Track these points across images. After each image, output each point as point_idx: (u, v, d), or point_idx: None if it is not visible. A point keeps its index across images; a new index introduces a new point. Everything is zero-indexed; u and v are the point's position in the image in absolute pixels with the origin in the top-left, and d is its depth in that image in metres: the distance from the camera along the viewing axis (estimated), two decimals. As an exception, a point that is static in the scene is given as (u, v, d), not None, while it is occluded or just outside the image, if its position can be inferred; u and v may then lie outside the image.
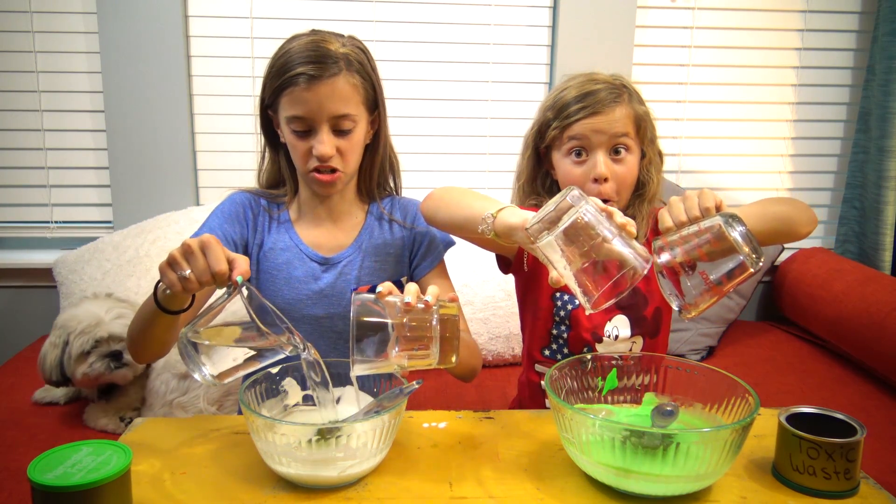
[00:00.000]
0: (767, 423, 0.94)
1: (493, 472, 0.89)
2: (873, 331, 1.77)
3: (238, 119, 2.11)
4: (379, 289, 0.90)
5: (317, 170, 1.17)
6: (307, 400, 0.98)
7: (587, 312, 0.84)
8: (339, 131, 1.16)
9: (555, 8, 2.15)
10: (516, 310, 1.90)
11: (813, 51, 2.27)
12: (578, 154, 1.20)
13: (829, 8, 2.24)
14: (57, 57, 2.04)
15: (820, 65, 2.28)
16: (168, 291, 0.94)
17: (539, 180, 1.30)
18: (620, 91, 1.20)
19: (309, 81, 1.12)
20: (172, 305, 0.98)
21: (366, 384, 0.98)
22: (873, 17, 2.17)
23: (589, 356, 0.99)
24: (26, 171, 2.10)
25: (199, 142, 2.12)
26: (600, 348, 1.22)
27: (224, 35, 2.07)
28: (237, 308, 0.87)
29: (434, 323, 0.86)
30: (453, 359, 0.87)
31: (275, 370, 0.96)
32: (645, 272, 0.81)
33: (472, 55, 2.17)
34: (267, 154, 1.29)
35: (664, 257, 0.89)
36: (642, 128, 1.22)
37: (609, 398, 0.99)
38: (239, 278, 0.88)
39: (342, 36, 1.20)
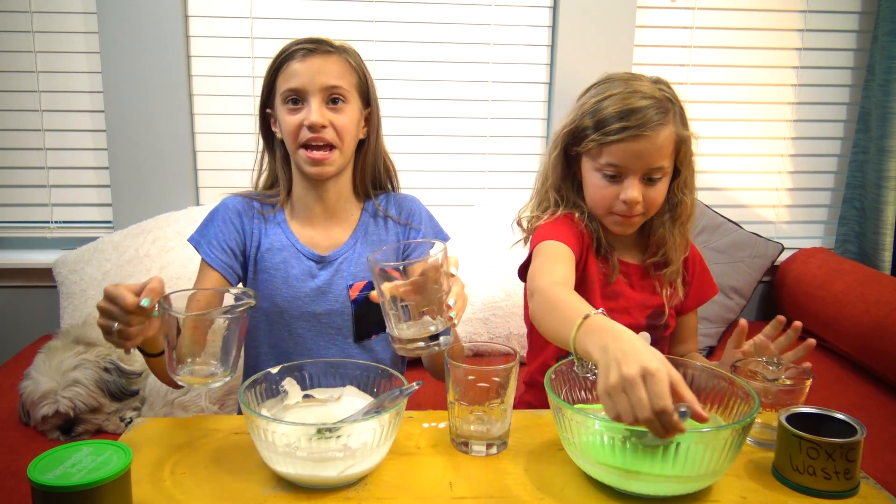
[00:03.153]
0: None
1: (492, 472, 0.89)
2: (873, 331, 1.77)
3: (238, 119, 2.11)
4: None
5: (308, 146, 1.18)
6: (307, 400, 0.98)
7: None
8: (331, 102, 1.19)
9: (555, 8, 2.15)
10: (516, 310, 1.91)
11: (813, 51, 2.27)
12: (612, 177, 1.16)
13: (829, 8, 2.24)
14: (57, 57, 2.04)
15: (820, 65, 2.28)
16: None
17: (569, 182, 1.26)
18: (666, 109, 1.14)
19: (304, 55, 1.17)
20: (150, 349, 1.03)
21: (366, 384, 0.99)
22: (873, 17, 2.17)
23: (589, 356, 0.98)
24: (26, 171, 2.10)
25: (199, 142, 2.12)
26: None
27: (224, 35, 2.07)
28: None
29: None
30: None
31: (275, 370, 0.96)
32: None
33: (472, 55, 2.17)
34: (264, 158, 1.31)
35: None
36: (682, 149, 1.18)
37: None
38: (145, 301, 0.89)
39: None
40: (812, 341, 1.07)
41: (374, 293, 0.93)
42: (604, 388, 0.77)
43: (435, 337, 0.92)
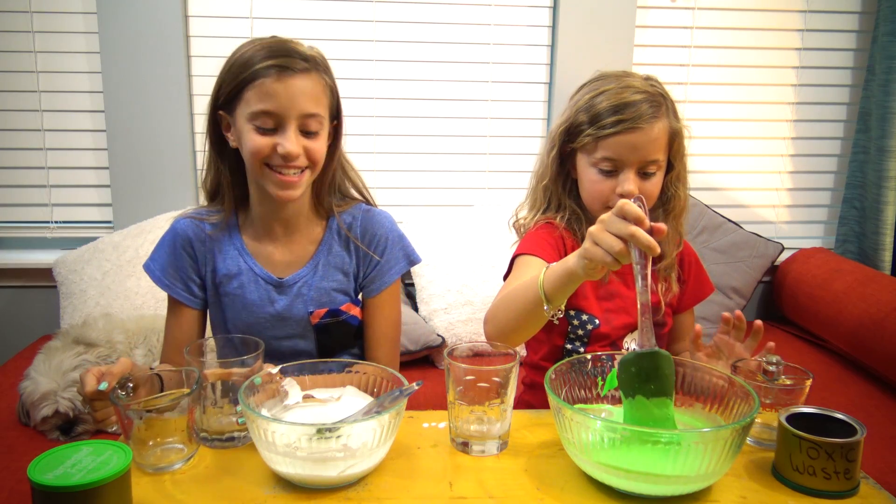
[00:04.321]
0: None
1: (492, 472, 0.89)
2: (873, 331, 1.77)
3: (238, 119, 2.11)
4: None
5: (278, 169, 1.10)
6: (307, 400, 0.98)
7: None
8: (305, 132, 1.10)
9: (555, 8, 2.15)
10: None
11: (813, 51, 2.27)
12: (609, 172, 1.17)
13: (829, 8, 2.24)
14: (57, 57, 2.04)
15: (820, 65, 2.28)
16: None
17: (561, 181, 1.26)
18: (659, 103, 1.16)
19: (280, 73, 1.06)
20: None
21: (366, 384, 0.99)
22: (873, 17, 2.17)
23: (589, 356, 0.99)
24: (26, 171, 2.10)
25: (199, 142, 2.12)
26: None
27: (224, 35, 2.07)
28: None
29: None
30: None
31: (275, 370, 0.96)
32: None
33: (472, 55, 2.17)
34: (210, 161, 1.22)
35: None
36: (675, 143, 1.19)
37: (609, 398, 0.99)
38: (103, 385, 0.92)
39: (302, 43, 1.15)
40: (760, 323, 1.09)
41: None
42: (587, 238, 0.88)
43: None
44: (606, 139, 1.15)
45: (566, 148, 1.23)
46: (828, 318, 1.96)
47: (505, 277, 1.24)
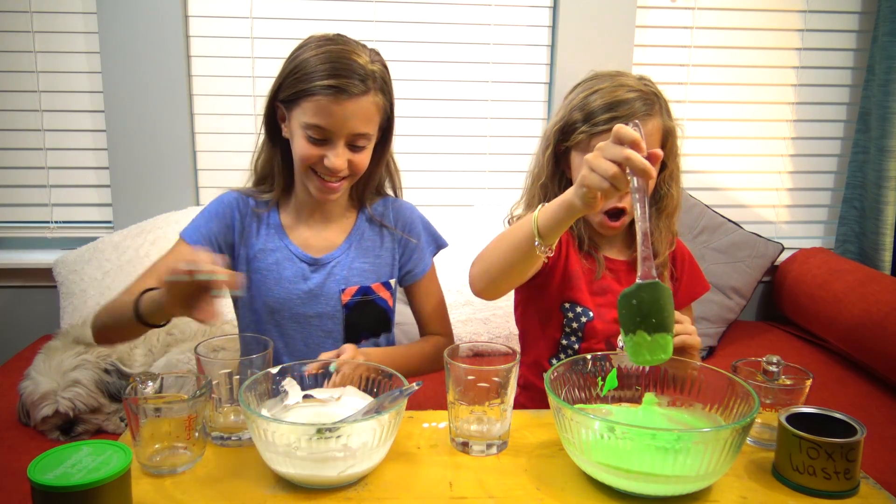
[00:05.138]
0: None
1: (493, 472, 0.89)
2: (873, 331, 1.77)
3: (238, 119, 2.11)
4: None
5: (322, 175, 1.18)
6: (307, 400, 0.98)
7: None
8: (353, 146, 1.17)
9: (555, 8, 2.15)
10: (516, 310, 1.90)
11: (813, 51, 2.27)
12: None
13: (829, 8, 2.24)
14: (57, 57, 2.04)
15: (820, 65, 2.28)
16: (160, 301, 0.96)
17: (556, 180, 1.27)
18: (652, 101, 1.17)
19: (337, 95, 1.11)
20: (155, 320, 1.01)
21: (366, 384, 0.99)
22: (873, 17, 2.17)
23: (589, 356, 0.99)
24: (26, 171, 2.10)
25: (199, 142, 2.12)
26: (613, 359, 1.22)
27: (224, 35, 2.07)
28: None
29: None
30: None
31: (275, 370, 0.96)
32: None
33: (472, 55, 2.17)
34: (264, 144, 1.27)
35: None
36: (669, 141, 1.20)
37: (609, 398, 0.99)
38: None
39: (366, 48, 1.18)
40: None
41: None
42: (584, 166, 0.87)
43: None
44: (600, 136, 1.15)
45: (561, 147, 1.24)
46: (828, 318, 1.96)
47: None
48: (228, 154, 2.13)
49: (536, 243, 0.96)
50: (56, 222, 2.14)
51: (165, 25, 2.00)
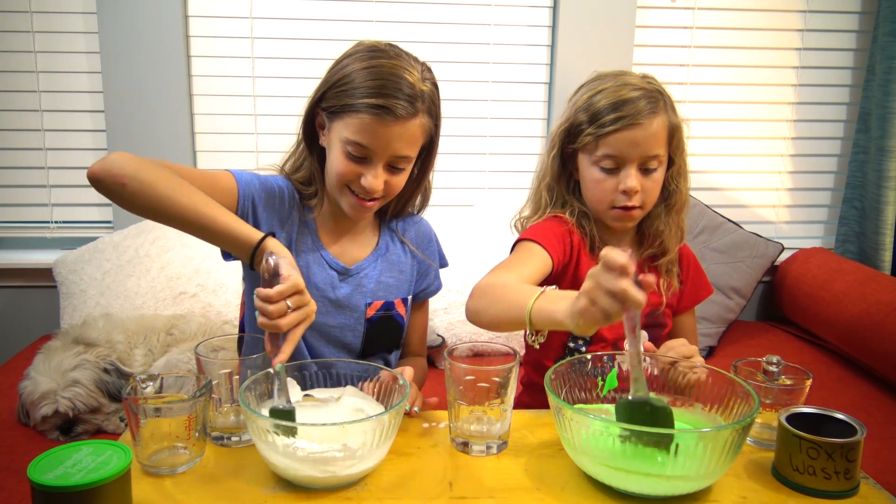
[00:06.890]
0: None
1: (492, 472, 0.89)
2: (873, 331, 1.77)
3: (238, 119, 2.11)
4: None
5: (356, 192, 1.13)
6: (307, 399, 0.98)
7: None
8: (392, 167, 1.12)
9: (555, 8, 2.15)
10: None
11: (813, 51, 2.27)
12: (611, 170, 1.17)
13: (829, 8, 2.24)
14: (57, 57, 2.04)
15: (820, 65, 2.28)
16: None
17: (564, 181, 1.27)
18: (657, 99, 1.16)
19: (383, 116, 1.06)
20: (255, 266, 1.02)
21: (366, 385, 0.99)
22: (873, 17, 2.17)
23: (589, 356, 0.99)
24: (26, 171, 2.10)
25: (199, 142, 2.12)
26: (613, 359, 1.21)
27: (224, 35, 2.07)
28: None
29: None
30: None
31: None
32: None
33: (472, 55, 2.17)
34: (301, 150, 1.22)
35: None
36: (675, 138, 1.20)
37: (609, 398, 0.99)
38: (279, 366, 0.90)
39: (418, 63, 1.13)
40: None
41: None
42: (582, 296, 0.80)
43: None
44: (607, 137, 1.15)
45: (567, 149, 1.23)
46: (828, 319, 1.96)
47: None
48: (228, 154, 2.13)
49: (527, 333, 0.95)
50: (56, 222, 2.14)
51: (165, 25, 2.00)
